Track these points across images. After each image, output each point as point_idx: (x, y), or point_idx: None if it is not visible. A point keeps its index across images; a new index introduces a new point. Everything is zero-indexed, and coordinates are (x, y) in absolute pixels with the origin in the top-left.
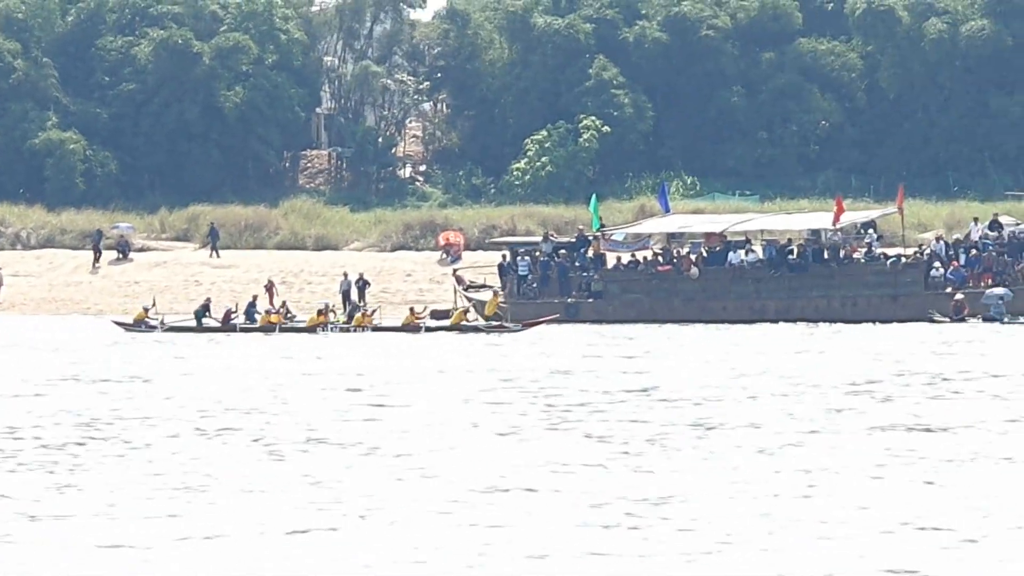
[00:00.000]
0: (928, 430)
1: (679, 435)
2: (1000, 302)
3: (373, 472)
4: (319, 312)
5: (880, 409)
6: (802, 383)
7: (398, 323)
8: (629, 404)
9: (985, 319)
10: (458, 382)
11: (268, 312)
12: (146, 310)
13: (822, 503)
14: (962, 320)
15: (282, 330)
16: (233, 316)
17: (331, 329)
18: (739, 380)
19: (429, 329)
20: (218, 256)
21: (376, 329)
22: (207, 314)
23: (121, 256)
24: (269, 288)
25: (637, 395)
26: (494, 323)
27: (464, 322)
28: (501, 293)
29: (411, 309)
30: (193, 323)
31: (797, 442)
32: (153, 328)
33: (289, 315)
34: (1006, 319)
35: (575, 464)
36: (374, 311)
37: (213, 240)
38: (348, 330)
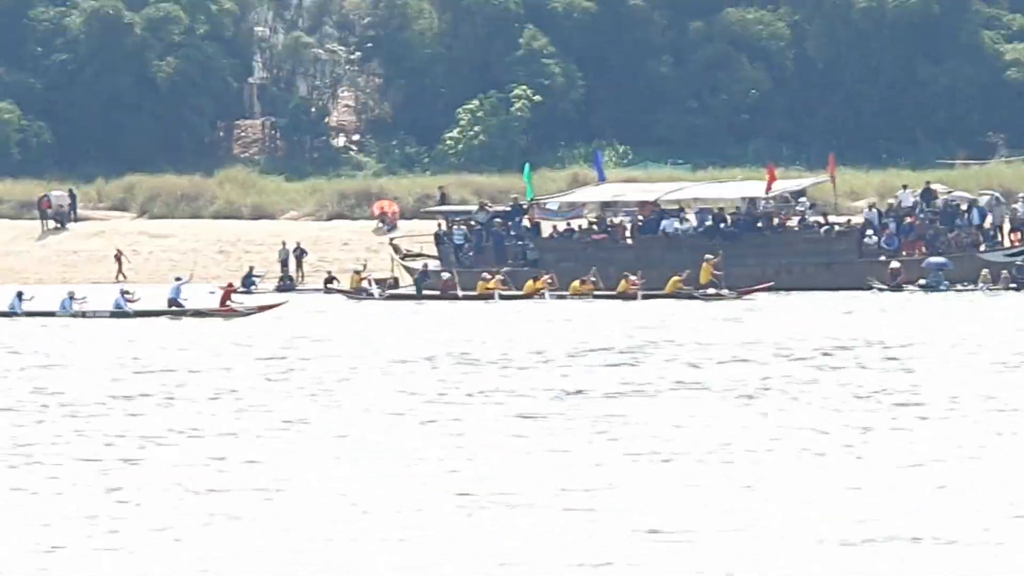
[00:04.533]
0: None
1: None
2: (939, 272)
3: None
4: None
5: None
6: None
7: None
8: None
9: (923, 288)
10: None
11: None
12: (358, 273)
13: None
14: (899, 288)
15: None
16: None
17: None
18: None
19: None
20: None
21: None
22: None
23: (59, 225)
24: (118, 257)
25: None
26: (710, 292)
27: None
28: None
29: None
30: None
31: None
32: (372, 296)
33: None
34: (943, 287)
35: None
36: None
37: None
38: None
